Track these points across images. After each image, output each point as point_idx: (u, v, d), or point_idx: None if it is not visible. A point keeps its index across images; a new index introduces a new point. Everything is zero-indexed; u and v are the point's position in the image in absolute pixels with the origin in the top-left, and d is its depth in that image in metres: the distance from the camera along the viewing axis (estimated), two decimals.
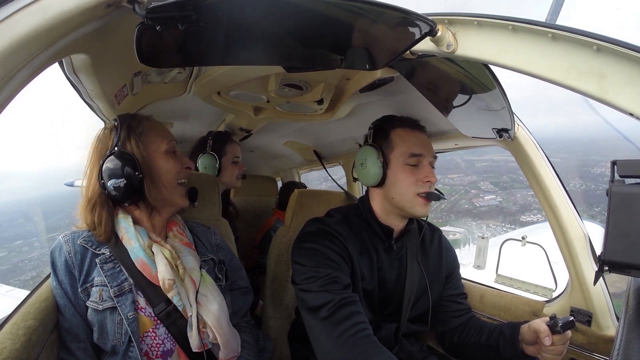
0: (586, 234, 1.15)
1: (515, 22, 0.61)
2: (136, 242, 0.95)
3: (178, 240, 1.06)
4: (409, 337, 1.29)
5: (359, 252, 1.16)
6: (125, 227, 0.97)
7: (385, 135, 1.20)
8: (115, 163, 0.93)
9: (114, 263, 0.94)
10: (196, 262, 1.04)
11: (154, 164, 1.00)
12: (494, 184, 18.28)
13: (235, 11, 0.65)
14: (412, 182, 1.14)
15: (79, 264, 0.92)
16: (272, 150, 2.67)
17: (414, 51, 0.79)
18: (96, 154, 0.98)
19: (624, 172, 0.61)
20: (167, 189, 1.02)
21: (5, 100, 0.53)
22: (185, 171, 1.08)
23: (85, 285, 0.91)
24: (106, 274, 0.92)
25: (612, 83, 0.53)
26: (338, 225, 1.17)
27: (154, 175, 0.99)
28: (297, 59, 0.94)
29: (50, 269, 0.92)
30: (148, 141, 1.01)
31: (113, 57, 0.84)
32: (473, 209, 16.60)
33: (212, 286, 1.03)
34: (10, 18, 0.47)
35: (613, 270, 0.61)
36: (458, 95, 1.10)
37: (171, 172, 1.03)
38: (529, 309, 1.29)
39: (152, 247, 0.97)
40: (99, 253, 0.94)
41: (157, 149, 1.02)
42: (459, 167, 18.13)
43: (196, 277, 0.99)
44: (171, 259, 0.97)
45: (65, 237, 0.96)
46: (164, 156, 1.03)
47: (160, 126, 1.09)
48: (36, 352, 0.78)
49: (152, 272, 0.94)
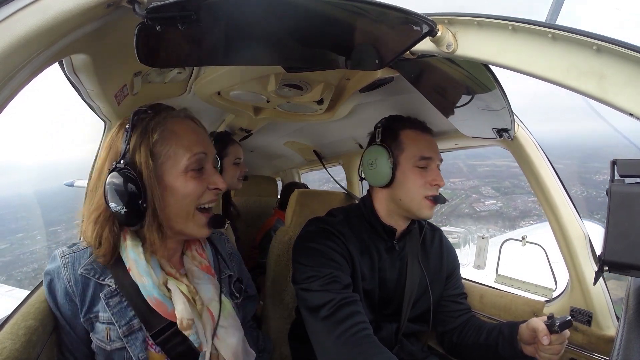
0: (586, 234, 1.15)
1: (515, 22, 0.61)
2: (149, 279, 0.80)
3: (197, 263, 0.91)
4: (409, 337, 1.29)
5: (359, 252, 1.16)
6: (135, 259, 0.81)
7: (395, 135, 1.19)
8: (117, 182, 0.76)
9: (120, 297, 0.81)
10: (215, 290, 0.90)
11: (166, 185, 0.80)
12: (495, 189, 18.35)
13: (235, 11, 0.65)
14: (421, 185, 1.15)
15: (80, 293, 0.80)
16: (272, 150, 2.67)
17: (414, 51, 0.79)
18: (107, 156, 0.82)
19: (624, 171, 0.61)
20: (180, 219, 0.83)
21: (5, 100, 0.53)
22: (211, 194, 0.85)
23: (89, 316, 0.80)
24: (112, 310, 0.80)
25: (612, 83, 0.53)
26: (339, 225, 1.17)
27: (164, 203, 0.80)
28: (297, 59, 0.93)
29: (44, 287, 0.82)
30: (164, 153, 0.80)
31: (113, 57, 0.84)
32: (473, 213, 16.67)
33: (232, 316, 0.91)
34: (10, 18, 0.47)
35: (613, 271, 0.61)
36: (458, 96, 1.10)
37: (188, 197, 0.82)
38: (529, 309, 1.29)
39: (168, 283, 0.83)
40: (103, 284, 0.81)
41: (174, 164, 0.81)
42: (461, 171, 18.20)
43: (215, 309, 0.87)
44: (189, 294, 0.84)
45: (64, 259, 0.82)
46: (181, 176, 0.81)
47: (188, 131, 0.85)
48: (36, 352, 0.78)
49: (168, 309, 0.81)
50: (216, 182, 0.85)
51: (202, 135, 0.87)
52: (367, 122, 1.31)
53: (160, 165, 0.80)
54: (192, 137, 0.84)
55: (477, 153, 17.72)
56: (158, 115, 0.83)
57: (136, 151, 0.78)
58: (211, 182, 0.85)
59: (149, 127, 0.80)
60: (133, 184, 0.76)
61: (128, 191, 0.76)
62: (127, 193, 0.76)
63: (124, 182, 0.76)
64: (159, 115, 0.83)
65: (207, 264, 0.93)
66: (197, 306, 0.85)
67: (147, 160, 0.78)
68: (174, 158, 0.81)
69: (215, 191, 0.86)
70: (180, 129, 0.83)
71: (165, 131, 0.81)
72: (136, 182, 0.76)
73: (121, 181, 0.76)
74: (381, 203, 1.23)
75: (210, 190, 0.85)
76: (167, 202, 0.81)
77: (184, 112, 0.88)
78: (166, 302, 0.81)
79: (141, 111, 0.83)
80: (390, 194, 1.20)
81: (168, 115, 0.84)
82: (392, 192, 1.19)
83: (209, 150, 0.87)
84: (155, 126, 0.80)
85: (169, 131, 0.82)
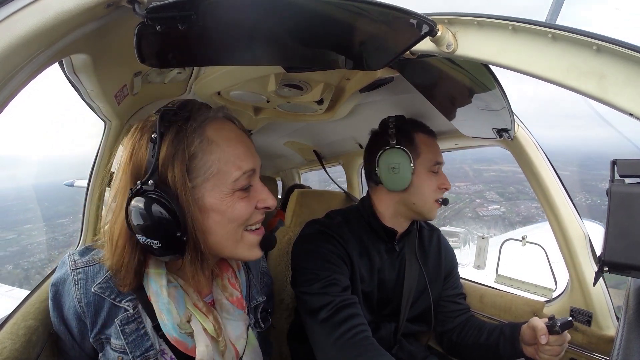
0: (586, 234, 1.15)
1: (515, 22, 0.61)
2: (169, 317, 0.69)
3: (227, 295, 0.78)
4: (408, 337, 1.29)
5: (358, 254, 1.17)
6: (157, 292, 0.69)
7: (410, 139, 1.18)
8: (146, 210, 0.61)
9: (137, 323, 0.71)
10: (244, 326, 0.79)
11: (208, 209, 0.66)
12: (499, 194, 18.37)
13: (236, 11, 0.64)
14: (434, 189, 1.18)
15: (92, 315, 0.70)
16: (272, 150, 2.67)
17: (414, 51, 0.79)
18: (129, 171, 0.66)
19: (624, 171, 0.61)
20: (227, 245, 0.71)
21: (5, 100, 0.53)
22: (259, 213, 0.73)
23: (100, 337, 0.71)
24: (127, 339, 0.69)
25: (612, 83, 0.53)
26: (337, 228, 1.17)
27: (206, 230, 0.67)
28: (297, 59, 0.93)
29: (50, 299, 0.73)
30: (204, 170, 0.66)
31: (113, 57, 0.84)
32: (476, 217, 16.73)
33: (256, 350, 0.83)
34: (10, 18, 0.47)
35: (613, 271, 0.61)
36: (458, 96, 1.10)
37: (236, 221, 0.69)
38: (529, 309, 1.29)
39: (191, 321, 0.72)
40: (120, 306, 0.70)
41: (217, 184, 0.66)
42: (467, 176, 18.21)
43: (240, 347, 0.78)
44: (214, 334, 0.73)
45: (75, 273, 0.70)
46: (227, 197, 0.67)
47: (232, 140, 0.69)
48: (36, 352, 0.78)
49: (188, 347, 0.71)
50: (266, 201, 0.72)
51: (249, 145, 0.72)
52: (367, 122, 1.31)
53: (200, 185, 0.66)
54: (239, 148, 0.69)
55: (484, 157, 17.69)
56: (193, 119, 0.66)
57: (168, 167, 0.63)
58: (260, 200, 0.72)
59: (183, 135, 0.64)
60: (168, 213, 0.61)
61: (161, 221, 0.61)
62: (160, 224, 0.61)
63: (155, 209, 0.61)
64: (194, 119, 0.67)
65: (239, 295, 0.80)
66: (220, 346, 0.74)
67: (184, 180, 0.63)
68: (217, 176, 0.66)
69: (263, 210, 0.73)
70: (222, 138, 0.68)
71: (204, 141, 0.66)
72: (171, 209, 0.62)
73: (152, 208, 0.61)
74: (386, 205, 1.22)
75: (259, 209, 0.73)
76: (209, 229, 0.68)
77: (222, 112, 0.72)
78: (186, 340, 0.71)
79: (170, 112, 0.66)
80: (402, 197, 1.19)
81: (206, 118, 0.68)
82: (405, 196, 1.18)
83: (258, 163, 0.72)
84: (191, 134, 0.65)
85: (209, 141, 0.66)
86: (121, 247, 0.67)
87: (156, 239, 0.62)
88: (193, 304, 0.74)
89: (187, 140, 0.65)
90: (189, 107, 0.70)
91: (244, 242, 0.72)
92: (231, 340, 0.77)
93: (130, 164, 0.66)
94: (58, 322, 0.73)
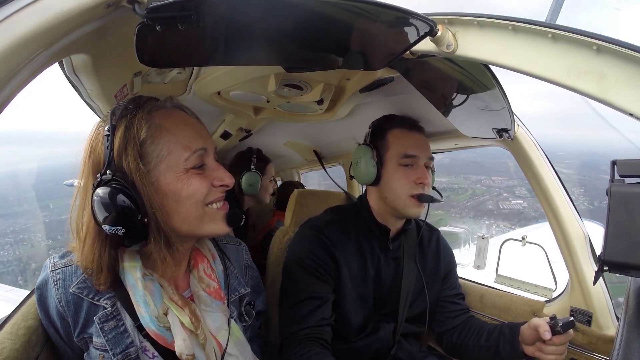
0: (586, 234, 1.15)
1: (516, 22, 0.61)
2: (146, 309, 0.70)
3: (204, 286, 0.80)
4: (408, 337, 1.29)
5: (351, 253, 1.18)
6: (132, 284, 0.71)
7: (382, 135, 1.21)
8: (106, 198, 0.64)
9: (117, 321, 0.72)
10: (224, 318, 0.80)
11: (165, 190, 0.69)
12: (528, 191, 18.45)
13: (236, 11, 0.64)
14: (405, 183, 1.15)
15: (72, 314, 0.72)
16: (272, 150, 2.67)
17: (414, 51, 0.79)
18: (89, 166, 0.70)
19: (624, 171, 0.61)
20: (192, 223, 0.73)
21: (5, 100, 0.53)
22: (217, 191, 0.75)
23: (83, 336, 0.73)
24: (107, 336, 0.71)
25: (612, 83, 0.53)
26: (327, 228, 1.19)
27: (168, 211, 0.70)
28: (297, 59, 0.94)
29: (36, 302, 0.75)
30: (155, 154, 0.69)
31: (113, 57, 0.84)
32: (495, 209, 16.80)
33: (242, 343, 0.82)
34: (10, 18, 0.47)
35: (613, 271, 0.61)
36: (458, 96, 1.10)
37: (193, 197, 0.71)
38: (529, 309, 1.29)
39: (168, 314, 0.73)
40: (98, 305, 0.72)
41: (170, 165, 0.70)
42: (507, 171, 18.11)
43: (223, 338, 0.78)
44: (192, 327, 0.74)
45: (54, 274, 0.73)
46: (181, 176, 0.70)
47: (180, 124, 0.73)
48: (36, 352, 0.78)
49: (168, 341, 0.72)
50: (222, 178, 0.74)
51: (198, 128, 0.76)
52: (367, 122, 1.31)
53: (153, 169, 0.69)
54: (187, 131, 0.72)
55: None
56: (141, 109, 0.70)
57: (122, 156, 0.67)
58: (216, 178, 0.74)
59: (132, 125, 0.68)
60: (126, 197, 0.65)
61: (122, 207, 0.64)
62: (121, 210, 0.64)
63: (114, 196, 0.64)
64: (142, 109, 0.70)
65: (216, 285, 0.81)
66: (200, 339, 0.75)
67: (136, 165, 0.66)
68: (168, 157, 0.69)
69: (221, 188, 0.75)
70: (170, 123, 0.71)
71: (152, 127, 0.69)
72: (129, 194, 0.65)
73: (111, 196, 0.64)
74: (374, 201, 1.25)
75: (216, 187, 0.74)
76: (170, 210, 0.70)
77: (170, 102, 0.76)
78: (165, 334, 0.72)
79: (120, 107, 0.70)
80: (378, 192, 1.22)
81: (153, 108, 0.72)
82: (380, 190, 1.21)
83: (209, 143, 0.75)
84: (140, 122, 0.68)
85: (157, 126, 0.70)
86: (90, 243, 0.70)
87: (119, 225, 0.65)
88: (169, 297, 0.75)
89: (137, 128, 0.68)
90: (138, 100, 0.73)
91: (207, 217, 0.74)
92: (211, 332, 0.77)
93: (90, 160, 0.70)
94: (47, 324, 0.76)
